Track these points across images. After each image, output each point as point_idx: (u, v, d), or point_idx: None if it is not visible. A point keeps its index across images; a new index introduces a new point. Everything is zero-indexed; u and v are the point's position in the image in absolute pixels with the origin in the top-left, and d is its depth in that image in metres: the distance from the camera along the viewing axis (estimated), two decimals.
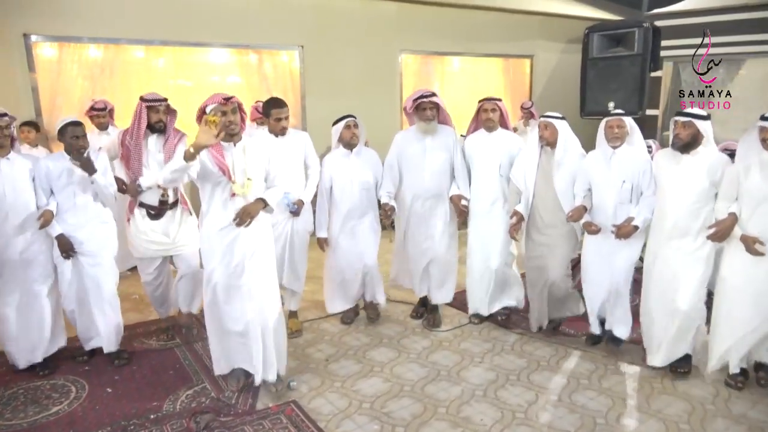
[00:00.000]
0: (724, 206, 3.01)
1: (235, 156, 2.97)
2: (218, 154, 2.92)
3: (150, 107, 3.60)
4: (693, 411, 2.98)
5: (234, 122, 2.94)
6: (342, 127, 3.90)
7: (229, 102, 2.93)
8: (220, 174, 2.93)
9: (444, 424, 2.89)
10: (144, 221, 3.67)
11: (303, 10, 6.58)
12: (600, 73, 5.54)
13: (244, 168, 2.98)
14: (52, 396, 3.23)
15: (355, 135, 3.92)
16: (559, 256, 3.64)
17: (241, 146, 3.01)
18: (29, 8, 5.11)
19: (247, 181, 2.98)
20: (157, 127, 3.61)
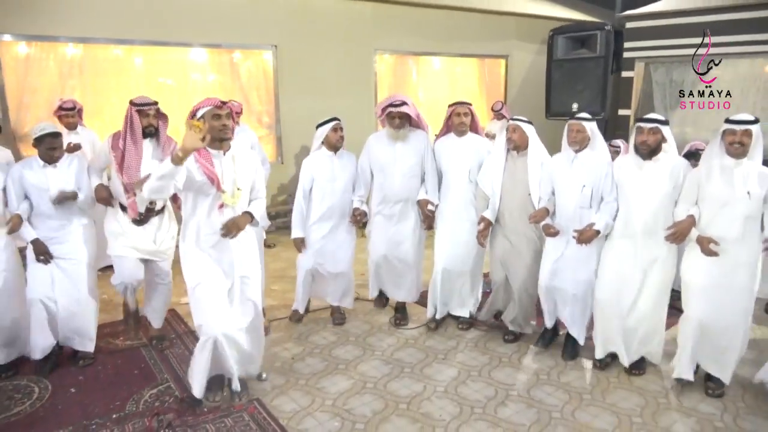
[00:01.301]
0: (683, 209, 3.07)
1: (224, 165, 2.86)
2: (207, 163, 2.80)
3: (139, 111, 3.46)
4: (646, 405, 3.07)
5: (228, 127, 2.83)
6: (329, 129, 3.92)
7: (225, 106, 2.83)
8: (208, 184, 2.81)
9: (404, 420, 2.95)
10: (128, 225, 3.60)
11: (277, 9, 6.60)
12: (564, 75, 5.64)
13: (234, 177, 2.89)
14: (15, 396, 3.22)
15: (341, 137, 3.96)
16: (526, 259, 3.68)
17: (230, 155, 2.90)
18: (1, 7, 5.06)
19: (237, 191, 2.90)
20: (147, 131, 3.49)
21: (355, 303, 4.36)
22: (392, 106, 3.80)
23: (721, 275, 2.98)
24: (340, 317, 4.21)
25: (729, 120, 2.91)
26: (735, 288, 2.99)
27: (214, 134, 2.79)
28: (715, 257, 2.96)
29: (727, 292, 2.99)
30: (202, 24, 6.14)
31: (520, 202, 3.63)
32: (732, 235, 2.93)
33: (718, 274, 2.99)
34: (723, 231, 2.95)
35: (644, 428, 2.86)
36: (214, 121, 2.77)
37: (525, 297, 3.77)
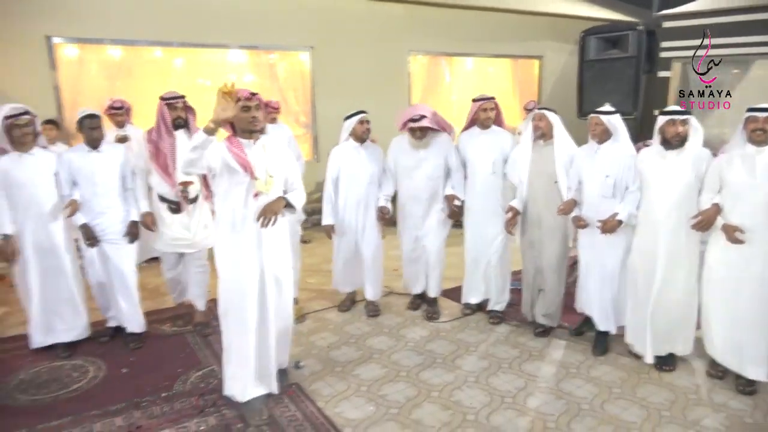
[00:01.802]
0: (707, 198, 3.14)
1: (255, 153, 2.90)
2: (239, 152, 2.85)
3: (169, 105, 3.78)
4: (676, 399, 3.11)
5: (257, 119, 2.86)
6: (356, 121, 4.09)
7: (254, 98, 2.86)
8: (242, 172, 2.85)
9: (435, 407, 3.07)
10: (166, 214, 3.88)
11: (314, 12, 6.79)
12: (596, 75, 5.67)
13: (266, 165, 2.92)
14: (72, 375, 3.47)
15: (367, 129, 4.13)
16: (552, 248, 3.78)
17: (261, 144, 2.94)
18: (51, 11, 5.38)
19: (269, 178, 2.92)
20: (177, 123, 3.79)
21: (388, 297, 4.50)
22: (412, 121, 3.94)
23: (743, 263, 3.04)
24: (374, 309, 4.35)
25: (751, 108, 2.99)
26: (755, 277, 3.03)
27: (244, 126, 2.84)
28: (739, 245, 3.01)
29: (747, 281, 3.05)
30: (242, 26, 6.36)
31: (546, 190, 3.72)
32: (755, 223, 2.98)
33: (740, 262, 3.05)
34: (745, 219, 3.00)
35: (673, 422, 2.91)
36: (243, 113, 2.81)
37: (554, 287, 3.86)
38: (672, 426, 2.87)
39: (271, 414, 2.98)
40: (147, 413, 3.02)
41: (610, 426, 2.88)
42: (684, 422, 2.91)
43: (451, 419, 2.95)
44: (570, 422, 2.91)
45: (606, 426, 2.88)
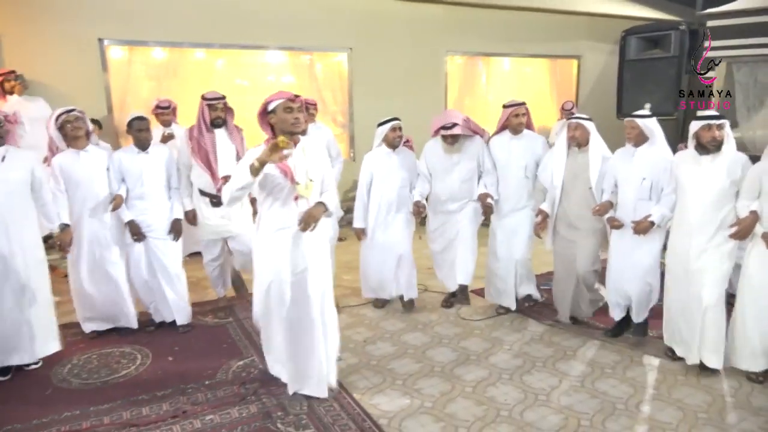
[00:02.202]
0: (745, 205, 3.10)
1: (295, 157, 2.89)
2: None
3: (209, 105, 3.97)
4: (713, 402, 3.09)
5: (299, 120, 2.87)
6: (388, 129, 4.19)
7: (297, 99, 2.89)
8: (282, 177, 2.86)
9: (469, 402, 3.12)
10: (207, 208, 4.07)
11: (352, 14, 6.90)
12: (636, 75, 5.60)
13: (306, 169, 2.94)
14: (121, 361, 3.65)
15: (399, 137, 4.22)
16: (586, 250, 3.80)
17: (301, 147, 2.95)
18: (103, 15, 5.63)
19: (309, 182, 2.93)
20: (216, 123, 3.98)
21: (422, 294, 4.57)
22: (444, 129, 4.01)
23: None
24: (410, 306, 4.41)
25: None
26: None
27: (286, 127, 2.83)
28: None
29: None
30: (282, 28, 6.52)
31: (582, 196, 3.74)
32: None
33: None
34: None
35: (709, 424, 2.89)
36: (286, 114, 2.81)
37: (586, 287, 3.89)
38: (709, 428, 2.85)
39: (309, 404, 3.07)
40: (192, 399, 3.16)
41: (645, 426, 2.88)
42: (721, 425, 2.88)
43: (485, 414, 2.99)
44: (605, 421, 2.92)
45: (641, 426, 2.88)
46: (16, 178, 3.35)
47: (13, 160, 3.34)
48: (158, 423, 2.92)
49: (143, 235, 3.89)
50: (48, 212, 3.57)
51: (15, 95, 5.10)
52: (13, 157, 3.36)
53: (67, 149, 3.75)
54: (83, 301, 3.92)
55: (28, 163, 3.43)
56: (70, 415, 3.02)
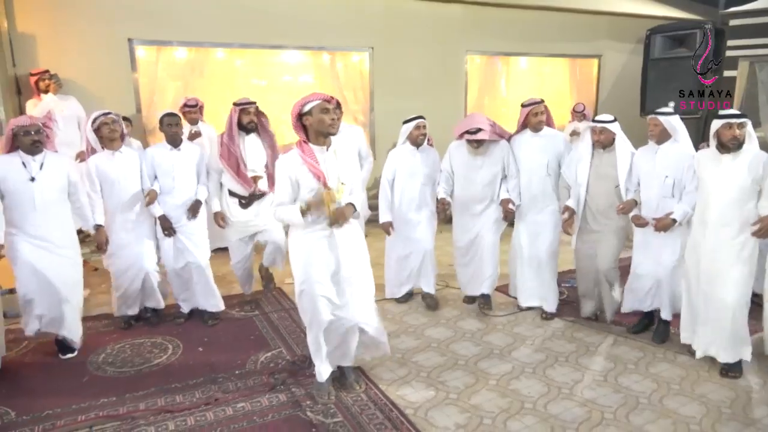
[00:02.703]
0: (767, 204, 3.10)
1: (328, 160, 2.91)
2: (313, 161, 2.87)
3: (242, 110, 4.05)
4: (737, 397, 3.11)
5: (336, 120, 2.89)
6: (412, 127, 4.25)
7: (333, 100, 2.92)
8: (315, 181, 2.88)
9: (493, 394, 3.18)
10: (235, 208, 4.16)
11: (373, 13, 6.98)
12: (661, 74, 5.60)
13: (338, 173, 2.94)
14: (153, 351, 3.76)
15: (423, 135, 4.27)
16: (609, 247, 3.83)
17: (332, 150, 2.94)
18: (133, 16, 5.77)
19: (341, 185, 2.93)
20: (249, 127, 4.08)
21: (444, 290, 4.64)
22: (468, 134, 3.99)
23: None
24: (432, 301, 4.48)
25: None
26: None
27: (323, 128, 2.84)
28: None
29: None
30: (305, 28, 6.61)
31: (608, 195, 3.77)
32: None
33: None
34: None
35: (734, 419, 2.92)
36: (323, 115, 2.82)
37: (609, 285, 3.93)
38: (733, 423, 2.88)
39: (337, 394, 3.15)
40: (222, 388, 3.26)
41: (669, 420, 2.91)
42: (745, 419, 2.91)
43: (509, 406, 3.05)
44: (628, 414, 2.96)
45: (665, 420, 2.92)
46: (55, 185, 3.50)
47: (51, 167, 3.49)
48: (192, 410, 3.02)
49: (174, 229, 4.01)
50: (84, 214, 3.70)
51: (50, 94, 5.25)
52: (50, 163, 3.49)
53: (103, 150, 3.88)
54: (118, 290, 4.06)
55: (64, 168, 3.57)
56: (106, 401, 3.14)
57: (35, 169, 3.43)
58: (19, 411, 3.04)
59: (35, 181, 3.41)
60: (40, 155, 3.47)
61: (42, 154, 3.48)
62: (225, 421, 2.92)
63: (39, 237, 3.44)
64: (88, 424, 2.90)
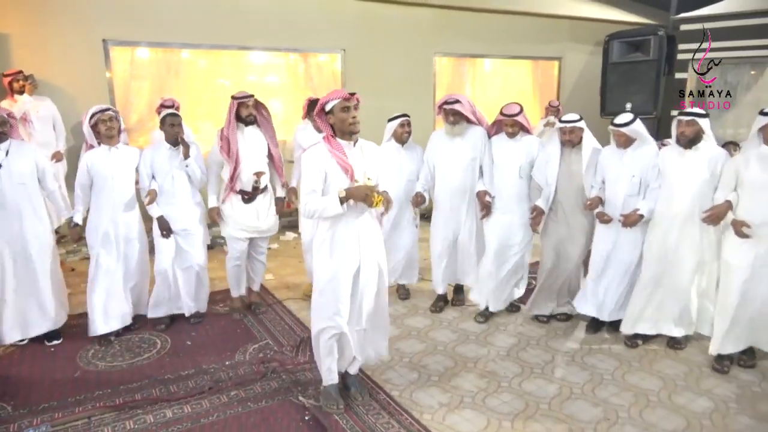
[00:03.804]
0: (722, 195, 3.41)
1: (355, 156, 2.90)
2: (341, 154, 2.84)
3: (241, 103, 4.10)
4: (690, 372, 3.44)
5: (357, 118, 2.85)
6: (397, 124, 4.42)
7: (353, 98, 2.85)
8: (344, 174, 2.84)
9: (472, 375, 3.42)
10: (239, 204, 4.17)
11: (345, 16, 7.15)
12: (619, 77, 5.97)
13: (364, 169, 2.92)
14: (142, 346, 3.86)
15: (407, 132, 4.45)
16: (579, 246, 4.03)
17: (359, 146, 2.94)
18: (107, 16, 5.79)
19: (367, 181, 2.90)
20: (249, 120, 4.13)
21: (419, 282, 4.86)
22: (446, 104, 4.14)
23: (757, 255, 3.27)
24: (405, 293, 4.70)
25: (764, 112, 3.23)
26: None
27: (344, 128, 2.83)
28: (753, 239, 3.25)
29: (764, 270, 3.28)
30: (279, 30, 6.73)
31: (576, 192, 3.97)
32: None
33: (756, 255, 3.28)
34: (761, 214, 3.24)
35: (688, 390, 3.23)
36: (344, 114, 2.80)
37: (575, 279, 4.18)
38: (687, 393, 3.20)
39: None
40: (215, 377, 3.40)
41: (630, 392, 3.21)
42: (698, 390, 3.23)
43: (487, 385, 3.30)
44: (594, 389, 3.25)
45: (626, 392, 3.21)
46: (22, 170, 3.64)
47: (16, 154, 3.64)
48: (187, 398, 3.16)
49: (171, 230, 4.04)
50: (56, 200, 3.79)
51: (25, 95, 5.24)
52: (16, 150, 3.65)
53: (99, 146, 3.90)
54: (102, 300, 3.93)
55: (31, 154, 3.72)
56: (102, 393, 3.24)
57: (1, 156, 3.53)
58: (15, 405, 3.11)
59: (1, 167, 3.51)
60: (5, 143, 3.60)
61: (7, 142, 3.62)
62: (221, 408, 3.07)
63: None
64: (86, 415, 3.00)
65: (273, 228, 4.36)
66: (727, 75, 7.71)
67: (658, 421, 2.93)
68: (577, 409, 3.05)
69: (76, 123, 5.58)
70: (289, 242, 6.60)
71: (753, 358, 3.48)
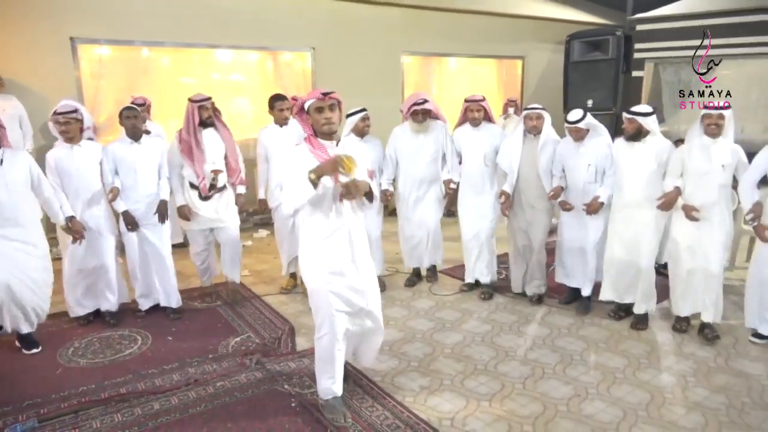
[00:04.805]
0: (670, 182, 3.74)
1: (337, 153, 2.78)
2: (323, 154, 2.77)
3: (200, 107, 4.21)
4: (652, 350, 3.68)
5: (331, 119, 2.77)
6: (358, 119, 4.56)
7: (328, 97, 2.77)
8: None
9: (450, 360, 3.57)
10: (197, 201, 4.31)
11: (315, 14, 7.23)
12: (580, 75, 6.25)
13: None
14: (123, 342, 3.88)
15: (368, 126, 4.61)
16: (541, 225, 4.34)
17: (342, 145, 2.90)
18: (75, 14, 5.73)
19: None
20: (208, 122, 4.25)
21: (395, 275, 4.99)
22: (416, 105, 4.46)
23: (702, 234, 3.68)
24: (381, 284, 4.80)
25: (706, 106, 3.60)
26: (712, 243, 3.67)
27: (319, 128, 2.78)
28: (700, 218, 3.64)
29: (706, 246, 3.69)
30: (250, 28, 6.77)
31: (537, 177, 4.25)
32: (710, 201, 3.61)
33: (699, 233, 3.68)
34: (703, 198, 3.63)
35: (651, 367, 3.46)
36: (317, 115, 2.75)
37: (542, 260, 4.44)
38: (650, 369, 3.42)
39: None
40: (200, 370, 3.46)
41: (599, 371, 3.42)
42: (660, 367, 3.46)
43: (464, 369, 3.46)
44: (565, 369, 3.44)
45: (595, 371, 3.42)
46: (17, 178, 3.54)
47: (11, 162, 3.52)
48: (174, 391, 3.21)
49: (137, 224, 4.10)
50: (51, 206, 3.74)
51: None
52: (10, 158, 3.52)
53: (62, 144, 3.92)
54: (74, 288, 4.08)
55: (25, 162, 3.61)
56: (86, 388, 3.26)
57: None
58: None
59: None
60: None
61: (0, 151, 3.51)
62: (208, 398, 3.13)
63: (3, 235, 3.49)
64: (72, 410, 3.02)
65: (232, 220, 4.47)
66: (681, 73, 8.12)
67: (624, 396, 3.14)
68: (550, 388, 3.24)
69: (45, 122, 5.51)
70: (263, 239, 6.65)
71: (715, 331, 3.79)
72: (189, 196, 4.33)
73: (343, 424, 2.87)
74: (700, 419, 2.91)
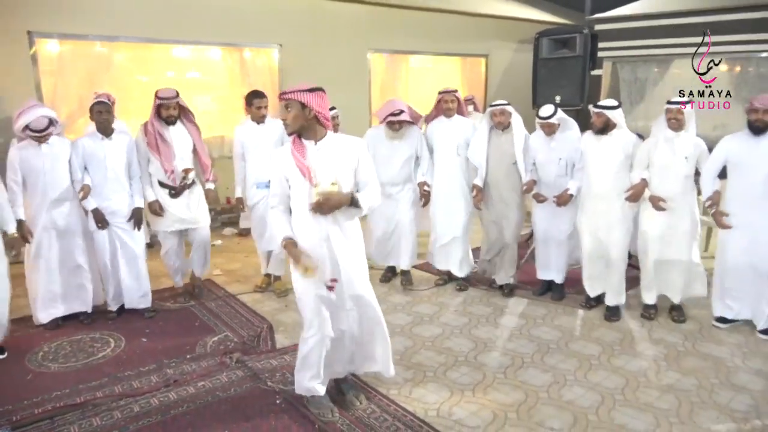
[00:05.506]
0: (637, 174, 3.89)
1: (318, 156, 2.68)
2: (300, 155, 2.67)
3: (161, 104, 4.12)
4: (624, 338, 3.80)
5: (286, 120, 2.66)
6: None
7: (280, 98, 2.72)
8: (301, 177, 2.65)
9: (431, 353, 3.61)
10: (166, 199, 4.21)
11: (282, 10, 7.16)
12: (549, 72, 6.41)
13: (329, 169, 2.68)
14: (95, 345, 3.77)
15: (337, 125, 4.59)
16: (513, 218, 4.42)
17: (324, 144, 2.70)
18: (33, 7, 5.50)
19: (332, 186, 2.65)
20: (169, 121, 4.16)
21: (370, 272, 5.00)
22: (393, 116, 4.45)
23: (669, 224, 3.86)
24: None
25: (669, 101, 3.77)
26: (680, 232, 3.86)
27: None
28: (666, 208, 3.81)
29: (675, 235, 3.87)
30: (215, 24, 6.64)
31: (507, 170, 4.35)
32: (675, 191, 3.79)
33: (668, 223, 3.86)
34: (668, 189, 3.80)
35: (624, 353, 3.58)
36: (282, 115, 2.72)
37: (515, 252, 4.55)
38: (623, 356, 3.55)
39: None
40: (178, 371, 3.39)
41: (575, 358, 3.52)
42: (632, 353, 3.59)
43: (445, 360, 3.50)
44: (543, 357, 3.53)
45: (571, 359, 3.51)
46: None
47: None
48: (153, 392, 3.14)
49: (107, 222, 3.99)
50: (2, 215, 3.58)
51: None
52: None
53: (27, 142, 3.77)
54: (45, 291, 3.94)
55: None
56: (60, 393, 3.15)
57: None
58: None
59: None
60: None
61: None
62: (189, 399, 3.08)
63: None
64: (47, 415, 2.92)
65: (204, 219, 4.41)
66: (637, 71, 8.42)
67: (601, 381, 3.24)
68: (530, 376, 3.31)
69: (1, 119, 5.29)
70: (232, 238, 6.55)
71: (683, 314, 4.01)
72: (159, 196, 4.23)
73: (331, 419, 2.87)
74: (673, 400, 3.03)
